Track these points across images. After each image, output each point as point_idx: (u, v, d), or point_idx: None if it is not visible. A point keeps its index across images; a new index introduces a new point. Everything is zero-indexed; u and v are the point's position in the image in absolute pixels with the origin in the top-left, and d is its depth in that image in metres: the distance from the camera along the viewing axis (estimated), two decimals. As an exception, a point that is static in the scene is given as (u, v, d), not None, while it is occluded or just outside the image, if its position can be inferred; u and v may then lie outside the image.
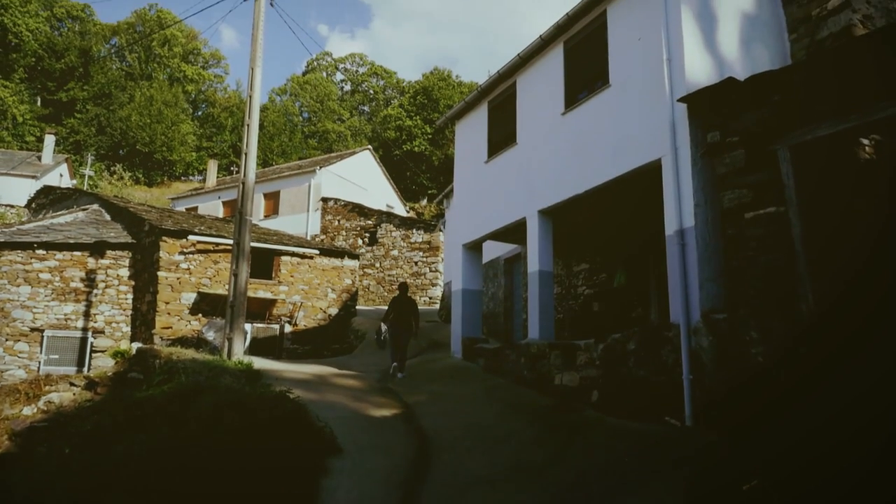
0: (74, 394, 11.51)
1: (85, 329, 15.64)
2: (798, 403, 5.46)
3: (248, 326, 14.57)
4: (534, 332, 10.57)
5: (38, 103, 51.70)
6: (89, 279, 15.83)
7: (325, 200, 29.47)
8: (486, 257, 16.12)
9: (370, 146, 38.04)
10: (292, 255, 17.42)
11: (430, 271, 25.86)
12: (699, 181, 7.81)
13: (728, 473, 5.26)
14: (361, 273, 25.97)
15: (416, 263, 26.19)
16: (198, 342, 14.21)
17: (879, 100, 6.05)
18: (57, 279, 15.56)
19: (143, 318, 15.60)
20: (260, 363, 11.37)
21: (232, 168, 49.54)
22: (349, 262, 18.73)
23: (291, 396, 8.08)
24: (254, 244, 14.00)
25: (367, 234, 27.86)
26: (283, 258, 17.23)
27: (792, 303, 6.51)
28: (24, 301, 15.21)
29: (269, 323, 16.56)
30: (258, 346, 15.59)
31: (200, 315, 15.36)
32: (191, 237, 15.46)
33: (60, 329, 15.44)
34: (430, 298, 25.21)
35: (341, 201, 29.20)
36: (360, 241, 27.82)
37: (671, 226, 8.05)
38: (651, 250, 11.45)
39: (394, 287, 25.28)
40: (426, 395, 10.07)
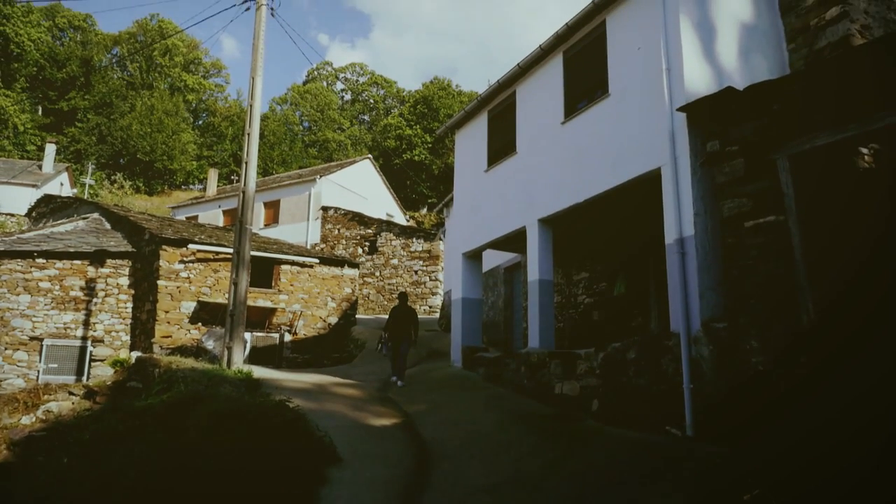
0: (73, 403, 11.48)
1: (84, 338, 15.61)
2: (796, 411, 5.45)
3: (247, 335, 14.54)
4: (534, 341, 10.55)
5: (40, 112, 51.87)
6: (89, 288, 15.82)
7: (325, 209, 29.50)
8: (486, 266, 16.12)
9: (370, 155, 38.13)
10: (292, 263, 17.42)
11: (430, 280, 25.85)
12: (699, 190, 7.82)
13: (729, 482, 5.24)
14: (361, 282, 25.97)
15: (415, 272, 26.18)
16: (197, 351, 14.18)
17: (878, 109, 6.07)
18: (56, 288, 15.55)
19: (142, 327, 15.57)
20: (259, 372, 11.34)
21: (232, 177, 49.59)
22: (349, 271, 18.73)
23: (291, 405, 8.07)
24: (254, 253, 14.01)
25: (367, 243, 27.87)
26: (283, 267, 17.23)
27: (792, 311, 6.50)
28: (23, 310, 15.19)
29: (268, 332, 16.53)
30: (258, 355, 15.56)
31: (200, 324, 15.34)
32: (191, 246, 15.46)
33: (60, 338, 15.41)
34: (430, 307, 25.17)
35: (341, 210, 29.23)
36: (360, 250, 27.82)
37: (671, 234, 8.06)
38: (651, 259, 11.45)
39: (394, 296, 25.26)
40: (426, 404, 10.04)
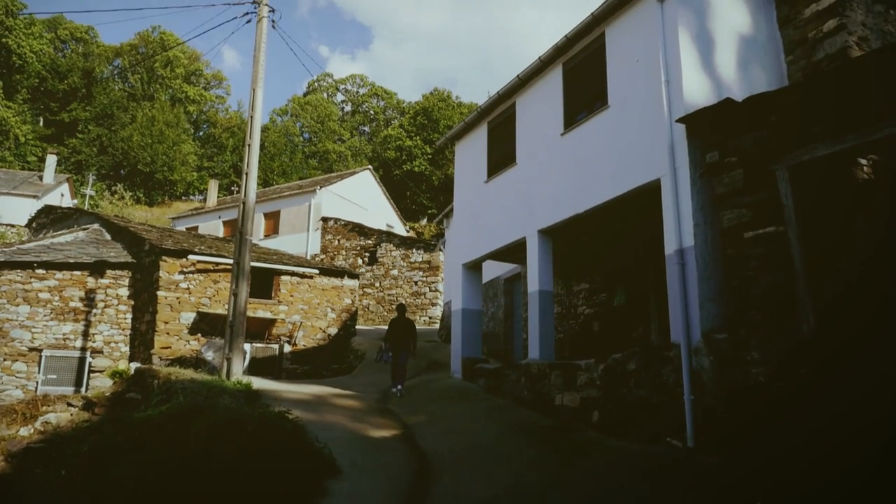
0: (72, 414, 11.43)
1: (83, 349, 15.57)
2: (794, 419, 5.43)
3: (247, 346, 14.51)
4: (534, 352, 10.53)
5: (41, 123, 52.05)
6: (89, 299, 15.81)
7: (325, 220, 29.53)
8: (486, 277, 16.11)
9: (370, 166, 38.22)
10: (292, 274, 17.41)
11: (430, 291, 25.82)
12: (698, 201, 7.84)
13: (730, 495, 5.21)
14: (361, 293, 25.94)
15: (415, 283, 26.16)
16: (196, 362, 14.14)
17: (877, 120, 6.10)
18: (56, 299, 15.54)
19: (141, 338, 15.54)
20: (259, 383, 11.31)
21: (232, 188, 49.68)
22: (349, 282, 18.72)
23: (290, 417, 8.04)
24: (254, 264, 14.01)
25: (367, 254, 27.87)
26: (283, 278, 17.22)
27: (792, 322, 6.49)
28: (22, 321, 15.17)
29: (268, 343, 16.50)
30: (257, 366, 15.52)
31: (199, 335, 15.31)
32: (191, 257, 15.46)
33: (59, 349, 15.37)
34: (430, 318, 25.13)
35: (341, 221, 29.26)
36: (360, 261, 27.82)
37: (671, 245, 8.06)
38: (651, 269, 11.45)
39: (393, 307, 25.22)
40: (426, 415, 10.00)
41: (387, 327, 13.09)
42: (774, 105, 7.08)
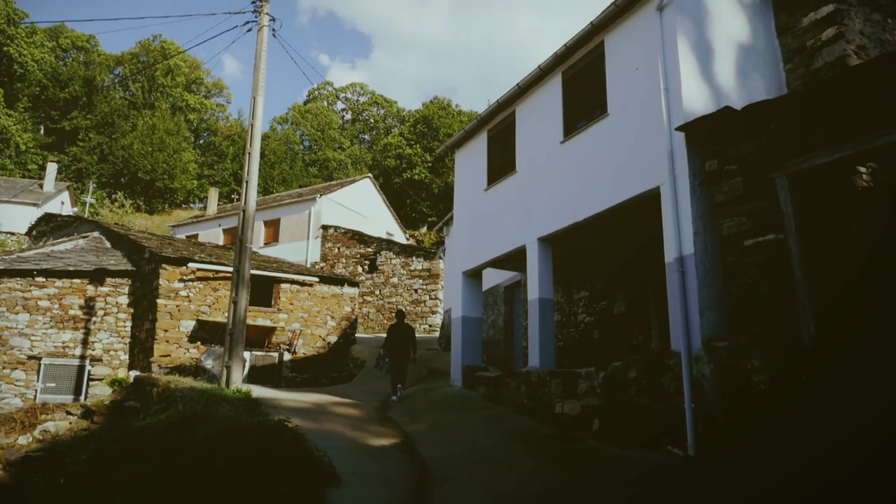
0: (71, 423, 11.40)
1: (83, 357, 15.54)
2: (797, 428, 5.42)
3: (246, 354, 14.49)
4: (534, 360, 10.51)
5: (42, 132, 52.16)
6: (88, 307, 15.79)
7: (325, 228, 29.54)
8: (486, 285, 16.10)
9: (370, 174, 38.29)
10: (292, 282, 17.40)
11: (430, 299, 25.80)
12: (698, 209, 7.84)
13: (728, 499, 5.20)
14: (361, 300, 25.92)
15: (415, 291, 26.14)
16: (196, 370, 14.11)
17: (875, 128, 6.11)
18: (56, 307, 15.52)
19: (141, 346, 15.51)
20: (258, 391, 11.28)
21: (233, 196, 49.78)
22: (349, 290, 18.71)
23: (290, 425, 8.01)
24: (254, 271, 14.00)
25: (367, 262, 27.87)
26: (283, 286, 17.21)
27: (793, 329, 6.48)
28: (22, 329, 15.15)
29: (268, 351, 16.47)
30: (257, 375, 15.48)
31: (199, 343, 15.28)
32: (190, 265, 15.46)
33: (58, 357, 15.35)
34: (430, 326, 25.10)
35: (341, 229, 29.27)
36: (360, 269, 27.81)
37: (671, 253, 8.06)
38: (651, 277, 11.44)
39: (393, 315, 25.18)
40: (426, 423, 9.97)
41: (385, 335, 13.11)
42: (773, 113, 7.10)
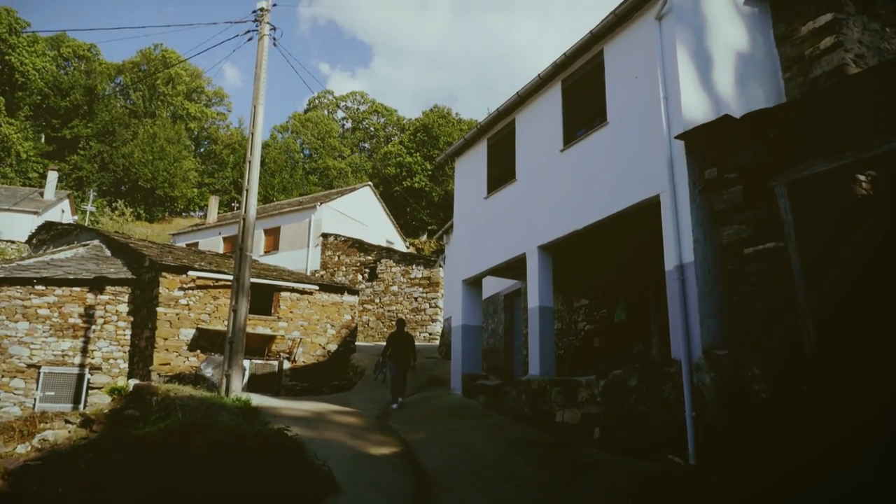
0: (70, 431, 11.35)
1: (82, 365, 15.51)
2: (797, 436, 5.40)
3: (246, 363, 14.45)
4: (534, 368, 10.49)
5: (43, 140, 52.29)
6: (88, 315, 15.77)
7: (325, 236, 29.55)
8: (486, 293, 16.09)
9: (370, 182, 38.32)
10: (292, 290, 17.39)
11: (430, 307, 25.78)
12: (698, 217, 7.85)
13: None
14: (361, 309, 25.89)
15: (415, 299, 26.12)
16: (195, 379, 14.07)
17: (874, 137, 6.12)
18: (55, 315, 15.50)
19: (140, 355, 15.49)
20: (258, 400, 11.24)
21: (233, 204, 49.84)
22: (349, 298, 18.69)
23: (289, 434, 7.98)
24: (253, 280, 13.99)
25: (367, 270, 27.86)
26: (283, 294, 17.19)
27: (793, 337, 6.47)
28: (21, 337, 15.12)
29: (267, 359, 16.43)
30: (256, 383, 15.44)
31: (199, 351, 15.25)
32: (190, 273, 15.45)
33: (57, 365, 15.31)
34: (430, 334, 25.06)
35: (341, 237, 29.28)
36: (360, 277, 27.80)
37: (671, 261, 8.06)
38: (651, 285, 11.43)
39: (393, 323, 25.16)
40: (426, 432, 9.94)
41: (385, 343, 13.14)
42: (773, 121, 7.12)
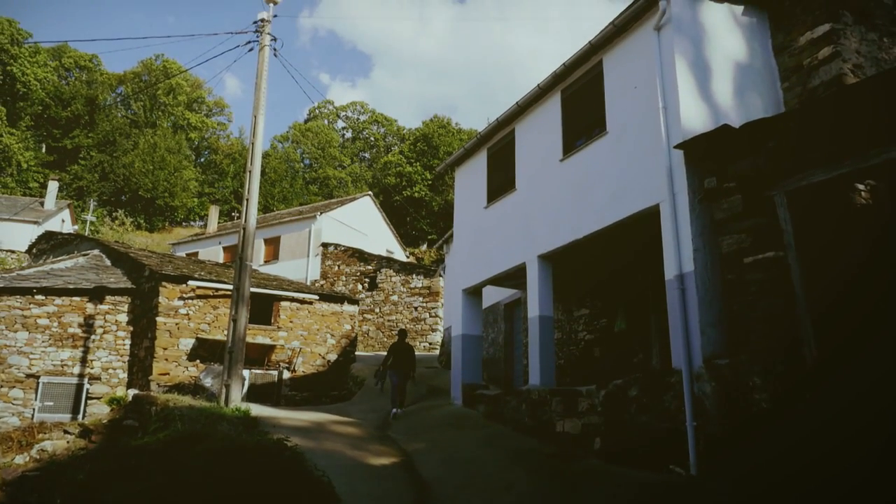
0: (68, 442, 11.31)
1: (81, 375, 15.47)
2: (798, 445, 5.38)
3: (246, 372, 14.40)
4: (535, 378, 10.46)
5: (43, 150, 52.40)
6: (87, 325, 15.75)
7: (325, 246, 29.56)
8: (486, 302, 16.07)
9: (370, 192, 38.38)
10: (292, 300, 17.36)
11: (430, 317, 25.74)
12: (697, 226, 7.86)
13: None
14: (361, 318, 25.85)
15: (415, 309, 26.09)
16: (195, 389, 14.03)
17: (873, 146, 6.14)
18: (55, 325, 15.48)
19: (140, 365, 15.45)
20: (258, 410, 11.21)
21: (233, 213, 49.86)
22: (349, 308, 18.66)
23: (289, 444, 7.96)
24: (253, 289, 13.98)
25: (367, 280, 27.84)
26: (283, 303, 17.17)
27: (794, 346, 6.46)
28: (20, 347, 15.10)
29: (267, 369, 16.39)
30: (256, 393, 15.39)
31: (198, 361, 15.22)
32: (190, 282, 15.44)
33: (56, 375, 15.28)
34: (430, 344, 25.01)
35: (341, 247, 29.29)
36: (360, 287, 27.78)
37: (671, 270, 8.06)
38: (651, 295, 11.42)
39: (393, 332, 25.11)
40: (426, 442, 9.90)
41: (386, 353, 13.27)
42: (771, 131, 7.14)
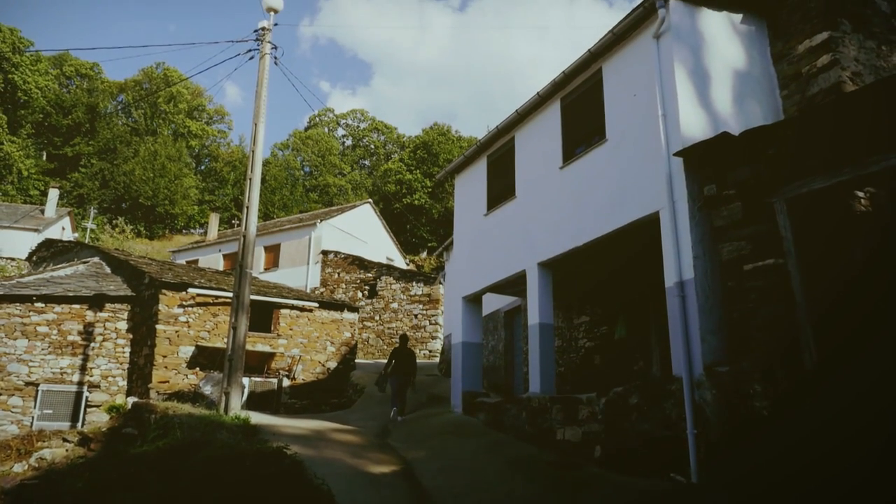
0: (67, 450, 11.27)
1: (80, 383, 15.43)
2: (798, 452, 5.37)
3: (245, 380, 14.37)
4: (535, 385, 10.44)
5: (44, 158, 52.51)
6: (87, 332, 15.73)
7: (325, 253, 29.56)
8: (486, 310, 16.06)
9: (370, 200, 38.43)
10: (292, 307, 17.35)
11: (430, 324, 25.71)
12: (697, 234, 7.86)
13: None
14: (361, 326, 25.82)
15: (415, 316, 26.06)
16: (195, 396, 14.00)
17: (872, 153, 6.16)
18: (55, 332, 15.46)
19: (139, 372, 15.42)
20: (257, 418, 11.19)
21: (233, 221, 49.87)
22: (348, 315, 18.65)
23: (289, 452, 7.94)
24: (253, 297, 13.97)
25: (367, 287, 27.83)
26: (283, 311, 17.16)
27: (795, 354, 6.46)
28: (20, 354, 15.06)
29: (267, 377, 16.36)
30: (256, 401, 15.36)
31: (198, 369, 15.18)
32: (190, 290, 15.43)
33: (56, 383, 15.24)
34: (430, 351, 24.97)
35: (341, 254, 29.29)
36: (360, 294, 27.77)
37: (671, 278, 8.06)
38: (651, 302, 11.42)
39: (393, 340, 25.08)
40: (426, 450, 9.87)
41: (386, 360, 13.42)
42: (771, 138, 7.16)
